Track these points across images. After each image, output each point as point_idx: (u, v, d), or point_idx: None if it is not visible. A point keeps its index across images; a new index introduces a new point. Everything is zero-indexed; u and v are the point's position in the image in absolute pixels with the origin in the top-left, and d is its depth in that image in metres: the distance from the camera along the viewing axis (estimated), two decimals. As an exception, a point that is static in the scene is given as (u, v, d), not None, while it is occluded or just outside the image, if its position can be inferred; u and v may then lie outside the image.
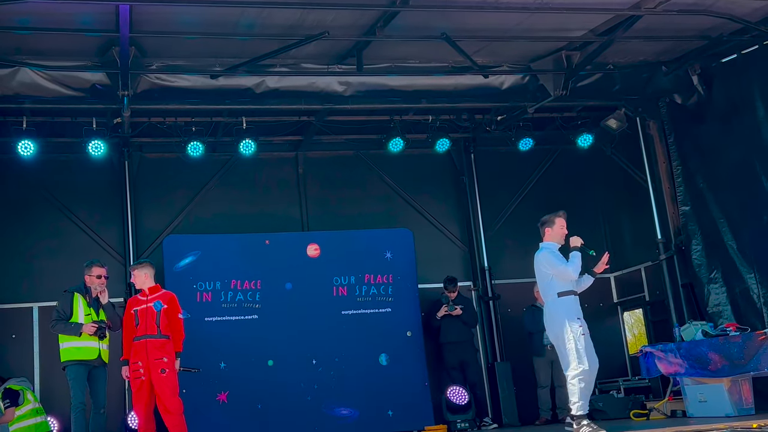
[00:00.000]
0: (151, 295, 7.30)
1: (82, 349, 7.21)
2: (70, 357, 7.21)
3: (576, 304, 6.81)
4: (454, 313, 9.65)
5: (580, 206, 11.37)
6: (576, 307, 6.79)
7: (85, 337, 7.21)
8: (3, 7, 6.67)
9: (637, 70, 9.28)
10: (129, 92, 8.00)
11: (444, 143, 10.12)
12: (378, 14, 7.61)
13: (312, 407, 9.37)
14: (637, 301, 10.93)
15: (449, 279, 9.93)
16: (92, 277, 7.44)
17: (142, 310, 7.23)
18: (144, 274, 7.36)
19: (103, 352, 7.31)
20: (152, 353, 7.12)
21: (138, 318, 7.22)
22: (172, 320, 7.26)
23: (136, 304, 7.33)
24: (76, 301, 7.32)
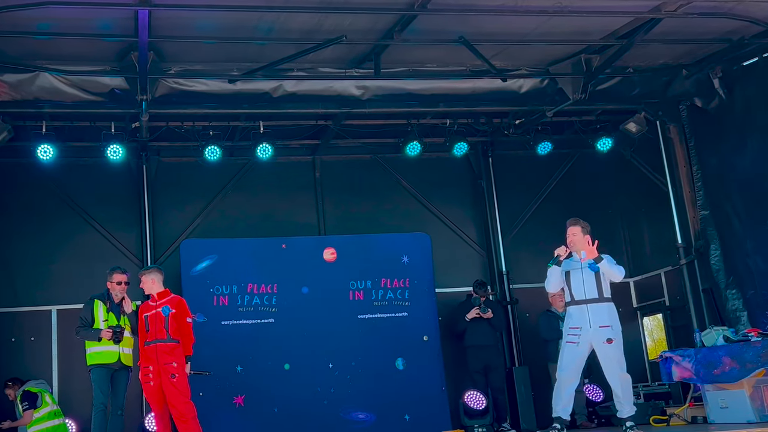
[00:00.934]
0: (160, 300, 7.37)
1: (103, 354, 7.41)
2: (94, 361, 7.43)
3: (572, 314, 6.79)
4: (485, 316, 9.54)
5: (599, 210, 11.32)
6: (571, 318, 6.78)
7: (104, 341, 7.39)
8: (23, 12, 6.71)
9: (657, 74, 9.19)
10: (147, 97, 8.04)
11: (462, 147, 10.07)
12: (396, 18, 7.58)
13: (328, 411, 9.37)
14: (656, 306, 10.83)
15: (480, 282, 9.84)
16: (113, 283, 7.63)
17: (152, 315, 7.30)
18: (151, 279, 7.42)
19: (123, 356, 7.46)
20: (162, 358, 7.19)
21: (148, 323, 7.29)
22: (180, 324, 7.32)
23: (146, 309, 7.41)
24: (97, 308, 7.51)
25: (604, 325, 6.68)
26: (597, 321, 6.68)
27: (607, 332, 6.65)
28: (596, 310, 6.70)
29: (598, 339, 6.66)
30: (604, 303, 6.75)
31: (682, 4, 7.57)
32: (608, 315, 6.73)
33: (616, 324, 6.77)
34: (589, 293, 6.74)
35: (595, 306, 6.72)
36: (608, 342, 6.65)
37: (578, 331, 6.68)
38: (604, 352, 6.70)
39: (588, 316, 6.68)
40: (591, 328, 6.66)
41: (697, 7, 7.64)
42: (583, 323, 6.68)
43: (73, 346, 8.37)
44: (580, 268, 6.85)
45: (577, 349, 6.69)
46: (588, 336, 6.68)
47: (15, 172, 9.75)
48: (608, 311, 6.75)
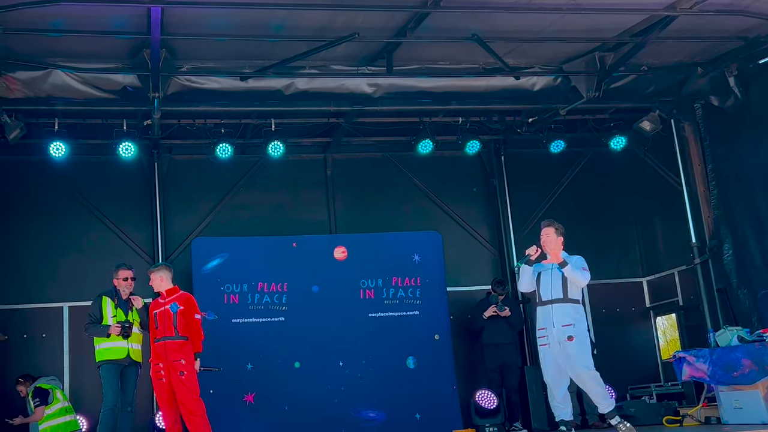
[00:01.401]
0: (169, 298, 7.37)
1: (112, 350, 7.41)
2: (103, 357, 7.44)
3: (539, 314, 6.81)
4: (503, 314, 9.48)
5: (613, 209, 11.29)
6: (538, 320, 6.81)
7: (113, 337, 7.41)
8: (36, 9, 6.73)
9: (671, 72, 9.12)
10: (159, 94, 8.04)
11: (474, 145, 10.02)
12: (408, 16, 7.55)
13: (339, 410, 9.35)
14: (670, 306, 10.77)
15: (498, 281, 9.80)
16: (119, 279, 7.64)
17: (161, 312, 7.31)
18: (160, 277, 7.42)
19: (132, 351, 7.46)
20: (171, 355, 7.19)
21: (157, 320, 7.31)
22: (189, 321, 7.31)
23: (155, 306, 7.42)
24: (105, 304, 7.51)
25: (566, 323, 6.65)
26: (560, 320, 6.67)
27: (568, 330, 6.62)
28: (560, 310, 6.68)
29: (560, 337, 6.65)
30: (568, 303, 6.71)
31: (698, 1, 7.51)
32: (572, 314, 6.69)
33: (579, 323, 6.71)
34: (555, 293, 6.72)
35: (560, 306, 6.69)
36: (569, 339, 6.60)
37: (545, 332, 6.68)
38: (565, 350, 6.65)
39: (552, 316, 6.68)
40: (555, 328, 6.65)
41: (713, 4, 7.58)
42: (548, 323, 6.68)
43: (84, 342, 8.38)
44: (551, 269, 6.83)
45: (550, 350, 6.69)
46: (553, 335, 6.67)
47: (27, 169, 9.79)
48: (572, 311, 6.70)
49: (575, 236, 10.99)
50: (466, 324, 10.12)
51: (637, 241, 11.28)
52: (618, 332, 10.66)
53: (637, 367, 10.68)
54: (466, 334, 10.17)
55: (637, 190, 11.25)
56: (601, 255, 11.11)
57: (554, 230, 6.92)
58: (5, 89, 7.96)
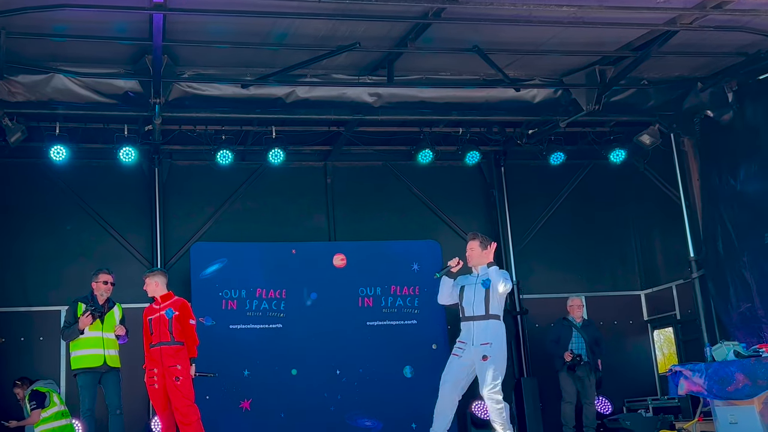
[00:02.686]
0: (164, 303, 7.38)
1: (88, 357, 7.33)
2: (78, 365, 7.34)
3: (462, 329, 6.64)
4: None
5: (612, 222, 11.30)
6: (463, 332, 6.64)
7: (89, 344, 7.31)
8: (39, 14, 6.75)
9: (672, 86, 9.13)
10: (161, 100, 8.05)
11: (474, 156, 10.04)
12: (410, 26, 7.57)
13: (335, 417, 9.35)
14: (667, 320, 10.76)
15: None
16: (99, 283, 7.57)
17: (156, 318, 7.32)
18: (155, 282, 7.43)
19: (108, 358, 7.37)
20: (166, 361, 7.20)
21: (152, 326, 7.30)
22: (184, 326, 7.31)
23: (150, 312, 7.43)
24: (80, 310, 7.43)
25: (484, 342, 6.49)
26: (480, 338, 6.50)
27: (484, 349, 6.46)
28: (480, 327, 6.52)
29: (477, 356, 6.50)
30: (489, 320, 6.53)
31: (698, 17, 7.52)
32: (491, 332, 6.50)
33: (497, 342, 6.52)
34: (477, 310, 6.55)
35: (480, 323, 6.53)
36: (483, 359, 6.45)
37: (464, 346, 6.56)
38: (480, 369, 6.52)
39: (473, 332, 6.53)
40: (473, 345, 6.50)
41: (714, 20, 7.59)
42: (469, 339, 6.54)
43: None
44: (474, 284, 6.63)
45: (460, 361, 6.55)
46: (471, 352, 6.52)
47: (28, 172, 9.81)
48: (492, 328, 6.52)
49: (574, 248, 11.11)
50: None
51: (636, 254, 11.29)
52: (615, 345, 10.64)
53: (633, 380, 10.67)
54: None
55: (636, 203, 11.26)
56: (599, 267, 11.16)
57: (479, 243, 6.71)
58: (7, 93, 7.97)
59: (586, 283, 11.02)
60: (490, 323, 6.52)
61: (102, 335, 7.39)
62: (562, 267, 10.99)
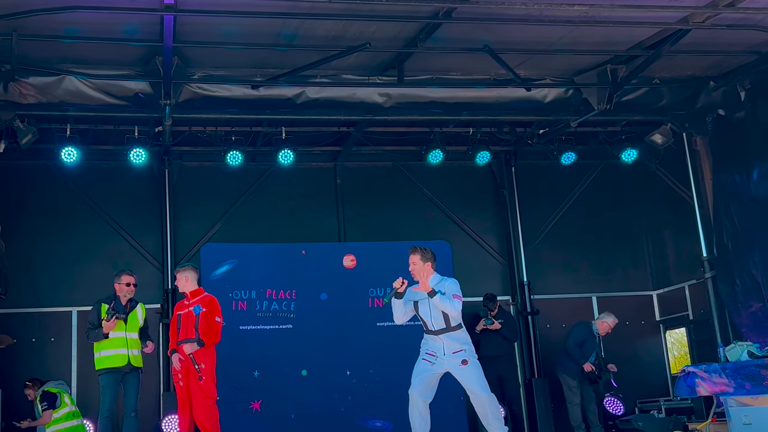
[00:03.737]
0: (193, 299, 7.32)
1: (112, 357, 7.34)
2: (103, 365, 7.36)
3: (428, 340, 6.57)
4: (491, 328, 9.48)
5: (623, 222, 11.26)
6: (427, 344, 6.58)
7: (113, 345, 7.32)
8: (50, 16, 6.76)
9: (684, 85, 9.07)
10: (171, 101, 8.05)
11: (484, 156, 10.01)
12: (420, 26, 7.55)
13: (345, 418, 9.35)
14: (680, 320, 10.70)
15: (488, 297, 9.74)
16: (122, 285, 7.57)
17: (184, 314, 7.27)
18: (185, 277, 7.38)
19: (132, 358, 7.38)
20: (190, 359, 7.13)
21: (180, 322, 7.26)
22: (210, 323, 7.23)
23: (180, 308, 7.40)
24: (103, 311, 7.43)
25: (457, 350, 6.48)
26: (450, 348, 6.49)
27: (461, 355, 6.46)
28: (448, 339, 6.50)
29: (454, 364, 6.48)
30: (453, 331, 6.52)
31: (710, 15, 7.47)
32: (460, 340, 6.52)
33: (469, 346, 6.56)
34: (437, 324, 6.52)
35: (446, 335, 6.50)
36: (464, 364, 6.45)
37: (433, 357, 6.52)
38: (462, 374, 6.49)
39: (443, 345, 6.50)
40: (445, 356, 6.48)
41: (726, 18, 7.54)
42: (438, 351, 6.51)
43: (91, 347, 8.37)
44: (427, 298, 6.55)
45: (431, 367, 6.52)
46: (443, 363, 6.50)
47: (39, 173, 9.84)
48: (459, 337, 6.53)
49: (585, 248, 11.06)
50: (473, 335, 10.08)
51: (648, 254, 11.23)
52: (627, 345, 10.59)
53: (646, 381, 10.62)
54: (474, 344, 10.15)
55: (648, 203, 11.21)
56: (611, 268, 11.11)
57: (420, 257, 6.66)
58: (19, 95, 7.98)
59: (598, 283, 10.97)
60: (455, 333, 6.51)
61: (126, 335, 7.38)
62: (573, 267, 10.94)
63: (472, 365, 6.48)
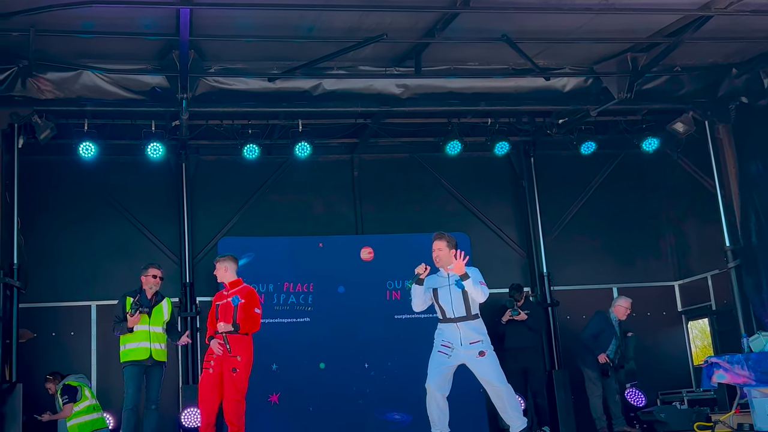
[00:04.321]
0: (231, 290, 7.32)
1: (135, 350, 7.42)
2: (127, 358, 7.46)
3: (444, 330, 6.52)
4: (518, 318, 9.39)
5: (644, 212, 11.15)
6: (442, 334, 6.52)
7: (136, 338, 7.41)
8: (67, 11, 6.77)
9: (706, 73, 8.95)
10: (188, 95, 8.05)
11: (503, 146, 9.91)
12: (437, 16, 7.48)
13: (364, 411, 9.33)
14: (702, 310, 10.59)
15: (515, 287, 9.67)
16: (148, 277, 7.63)
17: (223, 304, 7.27)
18: (224, 267, 7.38)
19: (155, 352, 7.44)
20: (225, 350, 7.11)
21: (218, 312, 7.26)
22: (248, 315, 7.22)
23: (218, 298, 7.40)
24: (129, 304, 7.50)
25: (474, 341, 6.43)
26: (467, 338, 6.44)
27: (478, 346, 6.41)
28: (466, 327, 6.45)
29: (470, 356, 6.42)
30: (472, 320, 6.49)
31: (733, 1, 7.36)
32: (477, 330, 6.48)
33: (486, 337, 6.52)
34: (458, 311, 6.48)
35: (465, 324, 6.46)
36: (481, 355, 6.40)
37: (450, 347, 6.46)
38: (479, 366, 6.44)
39: (459, 334, 6.45)
40: (462, 347, 6.43)
41: (749, 4, 7.42)
42: (455, 341, 6.45)
43: (111, 341, 8.43)
44: (448, 285, 6.54)
45: (447, 360, 6.46)
46: (460, 354, 6.44)
47: (57, 169, 9.86)
48: (477, 327, 6.49)
49: (606, 239, 10.96)
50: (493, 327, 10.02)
51: (669, 244, 11.11)
52: (648, 336, 10.48)
53: (668, 372, 10.52)
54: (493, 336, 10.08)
55: (669, 192, 11.08)
56: (632, 258, 11.00)
57: (446, 243, 6.64)
58: (36, 90, 8.02)
59: (618, 274, 10.85)
60: (473, 323, 6.49)
61: (149, 329, 7.44)
62: (593, 258, 10.84)
63: (489, 356, 6.45)
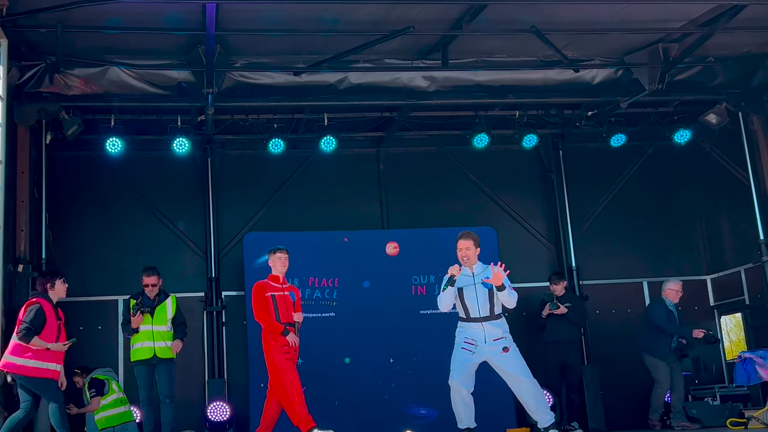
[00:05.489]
0: (285, 285, 7.46)
1: (140, 350, 7.70)
2: (134, 357, 7.76)
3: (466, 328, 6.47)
4: (557, 312, 9.24)
5: (676, 205, 10.97)
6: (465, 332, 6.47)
7: (141, 338, 7.68)
8: (94, 7, 6.78)
9: (739, 63, 8.76)
10: (213, 90, 8.05)
11: (531, 139, 9.78)
12: (465, 8, 7.38)
13: (389, 406, 9.31)
14: (735, 305, 10.41)
15: (554, 272, 9.67)
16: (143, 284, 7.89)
17: (281, 296, 7.35)
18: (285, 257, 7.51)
19: (158, 350, 7.65)
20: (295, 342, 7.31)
21: (277, 303, 7.30)
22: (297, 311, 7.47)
23: (271, 289, 7.38)
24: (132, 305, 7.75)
25: (498, 337, 6.40)
26: (491, 335, 6.41)
27: (501, 342, 6.39)
28: (490, 326, 6.43)
29: (494, 352, 6.40)
30: (497, 320, 6.48)
31: (770, -11, 7.16)
32: (502, 327, 6.48)
33: (509, 334, 6.50)
34: (483, 311, 6.44)
35: (489, 323, 6.43)
36: (505, 351, 6.38)
37: (473, 344, 6.44)
38: (504, 362, 6.40)
39: (484, 333, 6.43)
40: (486, 344, 6.40)
41: (786, -8, 7.22)
42: (479, 338, 6.43)
43: (136, 335, 8.50)
44: (473, 284, 6.50)
45: (471, 357, 6.44)
46: (483, 352, 6.42)
47: (84, 164, 9.90)
48: (501, 326, 6.49)
49: (636, 232, 10.79)
50: (521, 321, 9.93)
51: (702, 237, 10.93)
52: (680, 331, 10.31)
53: (700, 367, 10.35)
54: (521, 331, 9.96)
55: (701, 185, 10.89)
56: (663, 252, 10.84)
57: (473, 242, 6.62)
58: (64, 86, 8.07)
59: (649, 268, 10.69)
60: (498, 322, 6.49)
61: (152, 328, 7.69)
62: (623, 252, 10.68)
63: (513, 352, 6.44)
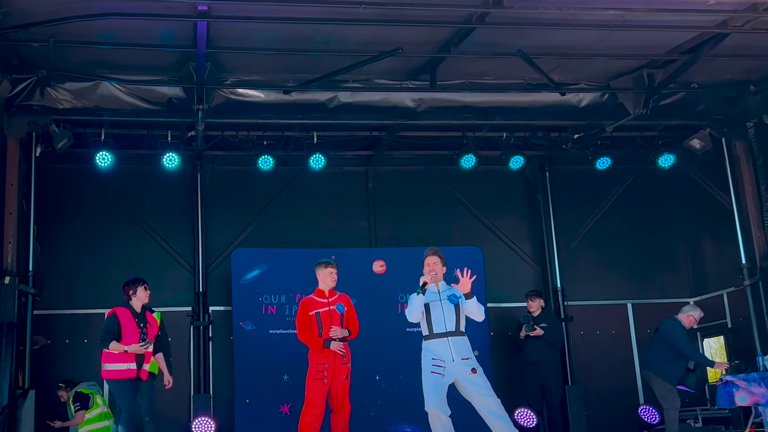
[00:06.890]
0: (332, 297, 7.27)
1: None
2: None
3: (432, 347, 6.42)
4: (533, 334, 9.31)
5: (660, 228, 11.07)
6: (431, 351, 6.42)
7: None
8: (86, 23, 6.84)
9: (723, 89, 8.89)
10: (204, 106, 8.11)
11: (518, 160, 9.88)
12: (453, 31, 7.50)
13: (375, 423, 9.30)
14: (718, 328, 10.48)
15: (531, 290, 9.74)
16: None
17: (325, 312, 7.18)
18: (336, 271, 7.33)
19: None
20: (339, 358, 7.11)
21: (321, 321, 7.13)
22: (354, 321, 7.27)
23: (315, 306, 7.22)
24: None
25: (465, 357, 6.38)
26: (459, 354, 6.38)
27: (470, 363, 6.38)
28: (456, 343, 6.39)
29: (462, 372, 6.38)
30: (461, 336, 6.45)
31: (750, 19, 7.32)
32: (467, 347, 6.46)
33: (473, 354, 6.51)
34: (449, 326, 6.42)
35: (455, 339, 6.40)
36: (473, 372, 6.37)
37: (442, 363, 6.39)
38: (472, 382, 6.39)
39: (450, 349, 6.38)
40: (454, 362, 6.36)
41: (766, 22, 7.36)
42: (446, 356, 6.38)
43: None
44: (439, 300, 6.50)
45: (442, 380, 6.41)
46: (452, 371, 6.39)
47: (74, 177, 9.93)
48: (465, 344, 6.47)
49: (621, 254, 10.89)
50: (507, 341, 9.98)
51: (685, 260, 11.03)
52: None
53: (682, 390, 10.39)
54: (506, 350, 10.03)
55: (685, 209, 11.01)
56: (647, 274, 10.93)
57: (440, 260, 6.63)
58: (54, 100, 8.12)
59: (633, 290, 10.79)
60: (463, 339, 6.46)
61: None
62: (608, 273, 10.78)
63: (481, 373, 6.44)
